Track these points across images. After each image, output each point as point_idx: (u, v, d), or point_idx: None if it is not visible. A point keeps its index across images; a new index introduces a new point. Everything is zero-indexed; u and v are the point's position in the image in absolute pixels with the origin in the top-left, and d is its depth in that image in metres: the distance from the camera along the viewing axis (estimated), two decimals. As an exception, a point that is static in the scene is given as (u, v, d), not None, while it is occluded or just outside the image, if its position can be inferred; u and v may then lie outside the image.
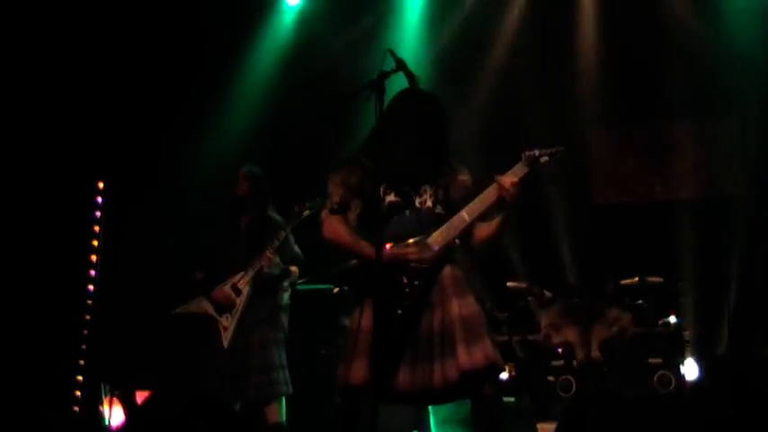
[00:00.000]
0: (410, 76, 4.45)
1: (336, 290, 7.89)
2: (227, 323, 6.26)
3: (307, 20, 10.44)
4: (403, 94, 4.38)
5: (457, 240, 4.42)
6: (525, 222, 8.14)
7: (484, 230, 4.39)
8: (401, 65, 4.42)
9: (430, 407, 5.70)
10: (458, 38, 10.38)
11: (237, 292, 6.27)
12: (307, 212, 6.16)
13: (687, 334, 8.60)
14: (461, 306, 4.23)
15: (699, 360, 8.32)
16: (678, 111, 10.28)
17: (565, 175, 10.03)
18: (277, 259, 6.34)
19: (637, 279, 8.53)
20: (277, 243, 6.23)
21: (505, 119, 10.06)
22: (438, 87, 9.57)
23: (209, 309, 6.36)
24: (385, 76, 4.29)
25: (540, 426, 6.49)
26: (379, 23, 10.26)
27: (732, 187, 10.31)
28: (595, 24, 10.48)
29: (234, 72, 10.20)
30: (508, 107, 10.22)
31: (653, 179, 10.33)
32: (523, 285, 8.73)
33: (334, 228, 4.37)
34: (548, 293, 8.56)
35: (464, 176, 4.46)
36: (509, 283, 8.72)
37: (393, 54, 4.44)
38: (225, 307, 6.31)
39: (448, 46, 10.34)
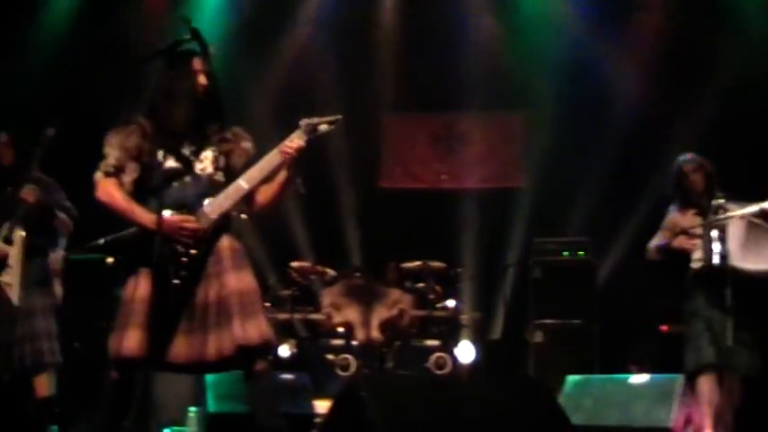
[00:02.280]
0: (203, 45, 4.32)
1: (111, 260, 7.59)
2: (9, 278, 5.81)
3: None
4: (183, 59, 4.26)
5: (243, 215, 4.34)
6: (312, 202, 8.15)
7: (265, 193, 4.32)
8: (195, 34, 4.28)
9: (208, 382, 5.60)
10: (261, 13, 10.25)
11: (9, 242, 5.83)
12: (51, 132, 5.76)
13: (464, 318, 8.85)
14: (238, 280, 4.14)
15: (474, 343, 8.56)
16: (468, 103, 10.56)
17: (354, 158, 10.13)
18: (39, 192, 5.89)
19: (419, 263, 8.68)
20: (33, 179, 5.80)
21: (300, 98, 10.01)
22: (237, 60, 9.47)
23: None
24: (177, 44, 4.17)
25: (317, 402, 6.51)
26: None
27: (515, 179, 10.69)
28: (394, 13, 10.61)
29: (23, 34, 9.70)
30: (304, 86, 10.19)
31: (440, 167, 10.57)
32: (307, 264, 8.74)
33: (109, 191, 4.17)
34: (331, 273, 8.60)
35: (247, 144, 4.38)
36: (293, 263, 8.70)
37: (187, 22, 4.30)
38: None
39: (251, 20, 10.19)
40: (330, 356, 8.01)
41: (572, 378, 5.68)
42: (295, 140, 4.21)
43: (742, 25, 9.76)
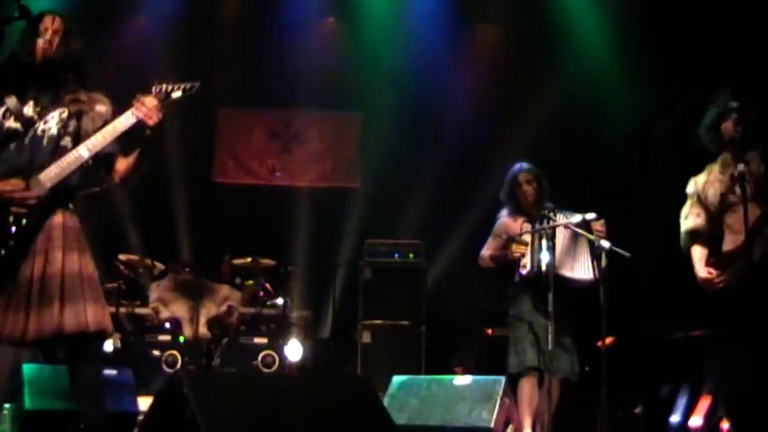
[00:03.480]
0: (30, 21, 4.11)
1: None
2: None
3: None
4: (36, 19, 3.97)
5: (96, 188, 4.03)
6: (142, 194, 7.94)
7: (122, 164, 4.02)
8: (24, 11, 4.06)
9: (25, 378, 5.33)
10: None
11: None
12: None
13: (294, 317, 8.81)
14: (68, 261, 3.84)
15: (303, 342, 8.54)
16: (306, 100, 10.54)
17: (188, 150, 9.93)
18: None
19: (250, 260, 8.60)
20: None
21: (134, 86, 9.72)
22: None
23: None
24: (6, 21, 3.91)
25: (141, 399, 6.32)
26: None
27: (350, 180, 10.74)
28: (236, 7, 10.50)
29: None
30: (139, 75, 9.90)
31: (275, 164, 10.49)
32: (135, 257, 8.52)
33: None
34: (160, 267, 8.41)
35: (102, 107, 4.05)
36: (121, 255, 8.46)
37: (17, 1, 4.06)
38: None
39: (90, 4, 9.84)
40: (156, 352, 7.83)
41: (398, 378, 5.72)
42: (147, 100, 3.93)
43: (577, 41, 10.11)
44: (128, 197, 9.47)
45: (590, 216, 5.61)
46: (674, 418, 7.04)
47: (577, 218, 5.63)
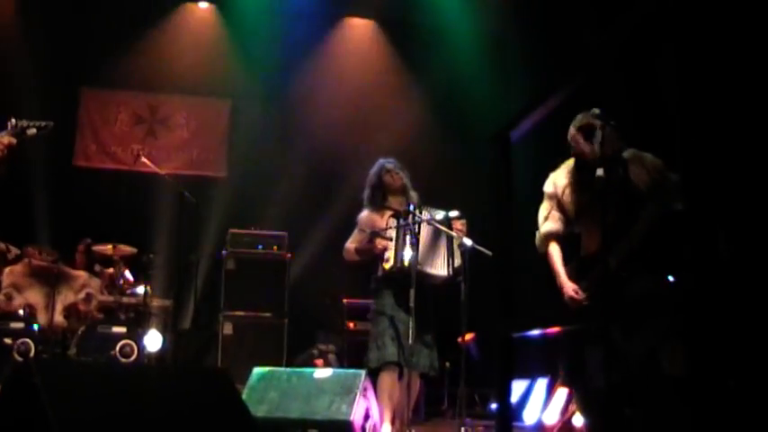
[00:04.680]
0: None
1: None
2: None
3: None
4: None
5: None
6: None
7: None
8: None
9: None
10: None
11: None
12: None
13: (154, 306, 8.66)
14: None
15: (163, 332, 8.40)
16: (174, 85, 10.36)
17: (48, 132, 9.60)
18: None
19: (111, 247, 8.40)
20: None
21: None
22: None
23: None
24: None
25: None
26: None
27: (216, 168, 10.61)
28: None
29: None
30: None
31: (140, 149, 10.26)
32: (-12, 241, 8.21)
33: None
34: (15, 251, 8.11)
35: None
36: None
37: None
38: None
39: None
40: (8, 340, 7.56)
41: (258, 370, 5.69)
42: (5, 137, 4.05)
43: (450, 43, 10.26)
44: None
45: (453, 214, 5.71)
46: (529, 413, 7.23)
47: (441, 215, 5.72)
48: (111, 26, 10.09)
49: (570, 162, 4.59)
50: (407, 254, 5.58)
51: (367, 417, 5.50)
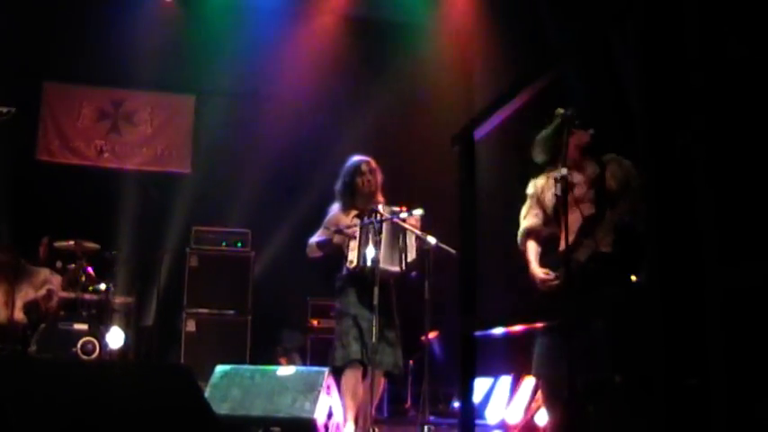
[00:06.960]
0: None
1: None
2: None
3: None
4: None
5: None
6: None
7: None
8: None
9: None
10: None
11: None
12: None
13: (116, 303, 8.59)
14: None
15: (125, 329, 8.34)
16: (139, 80, 10.27)
17: (9, 126, 9.50)
18: None
19: (72, 243, 8.33)
20: None
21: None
22: None
23: None
24: None
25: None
26: None
27: (180, 164, 10.55)
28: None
29: None
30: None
31: (103, 145, 10.18)
32: (-54, 236, 8.11)
33: None
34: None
35: None
36: None
37: None
38: None
39: None
40: (-34, 337, 7.48)
41: (221, 368, 5.68)
42: None
43: (413, 41, 10.28)
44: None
45: (417, 212, 5.72)
46: (492, 411, 7.27)
47: (403, 214, 5.73)
48: (73, 20, 9.97)
49: (551, 169, 4.67)
50: (370, 253, 5.59)
51: (330, 415, 5.50)
